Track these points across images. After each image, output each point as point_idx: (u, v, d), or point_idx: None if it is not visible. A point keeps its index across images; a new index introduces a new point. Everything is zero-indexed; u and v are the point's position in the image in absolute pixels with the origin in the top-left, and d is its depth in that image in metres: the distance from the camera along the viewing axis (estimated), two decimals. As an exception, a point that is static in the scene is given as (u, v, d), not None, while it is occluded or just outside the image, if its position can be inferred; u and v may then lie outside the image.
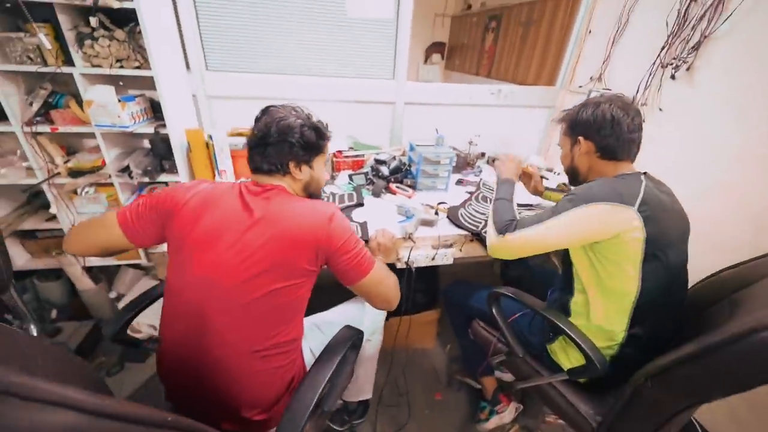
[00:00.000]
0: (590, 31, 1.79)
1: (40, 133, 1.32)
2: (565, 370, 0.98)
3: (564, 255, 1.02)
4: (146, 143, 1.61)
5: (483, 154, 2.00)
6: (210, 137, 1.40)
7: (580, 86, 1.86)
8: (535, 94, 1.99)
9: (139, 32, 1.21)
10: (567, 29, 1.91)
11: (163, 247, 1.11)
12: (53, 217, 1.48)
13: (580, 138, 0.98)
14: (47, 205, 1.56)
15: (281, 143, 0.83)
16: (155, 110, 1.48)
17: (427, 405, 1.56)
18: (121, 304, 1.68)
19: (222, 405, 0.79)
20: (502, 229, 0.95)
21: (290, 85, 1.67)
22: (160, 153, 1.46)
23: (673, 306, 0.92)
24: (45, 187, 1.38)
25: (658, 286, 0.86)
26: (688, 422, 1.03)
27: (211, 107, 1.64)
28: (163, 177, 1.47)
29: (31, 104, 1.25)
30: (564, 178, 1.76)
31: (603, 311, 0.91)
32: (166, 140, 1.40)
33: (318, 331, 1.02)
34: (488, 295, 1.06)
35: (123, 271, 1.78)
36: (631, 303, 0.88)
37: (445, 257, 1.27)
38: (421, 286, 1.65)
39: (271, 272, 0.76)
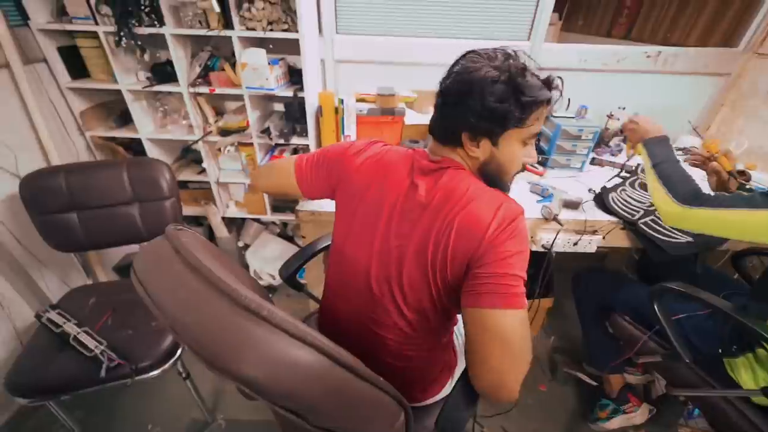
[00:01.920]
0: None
1: (200, 94, 1.48)
2: (748, 388, 0.83)
3: None
4: (279, 107, 1.71)
5: (622, 131, 1.73)
6: (341, 101, 1.42)
7: (779, 47, 1.45)
8: (706, 58, 1.62)
9: (291, -6, 1.23)
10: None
11: (311, 206, 1.18)
12: (203, 171, 1.68)
13: None
14: (196, 160, 1.77)
15: (456, 106, 0.62)
16: (290, 74, 1.54)
17: (530, 395, 1.49)
18: (247, 253, 1.89)
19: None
20: (687, 199, 0.85)
21: (419, 47, 1.59)
22: (294, 116, 1.53)
23: None
24: (200, 143, 1.56)
25: None
26: None
27: (337, 72, 1.66)
28: (295, 140, 1.54)
29: (199, 66, 1.38)
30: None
31: None
32: (301, 104, 1.45)
33: None
34: (653, 288, 0.92)
35: (248, 224, 1.98)
36: None
37: (589, 244, 1.14)
38: (530, 272, 1.54)
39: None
